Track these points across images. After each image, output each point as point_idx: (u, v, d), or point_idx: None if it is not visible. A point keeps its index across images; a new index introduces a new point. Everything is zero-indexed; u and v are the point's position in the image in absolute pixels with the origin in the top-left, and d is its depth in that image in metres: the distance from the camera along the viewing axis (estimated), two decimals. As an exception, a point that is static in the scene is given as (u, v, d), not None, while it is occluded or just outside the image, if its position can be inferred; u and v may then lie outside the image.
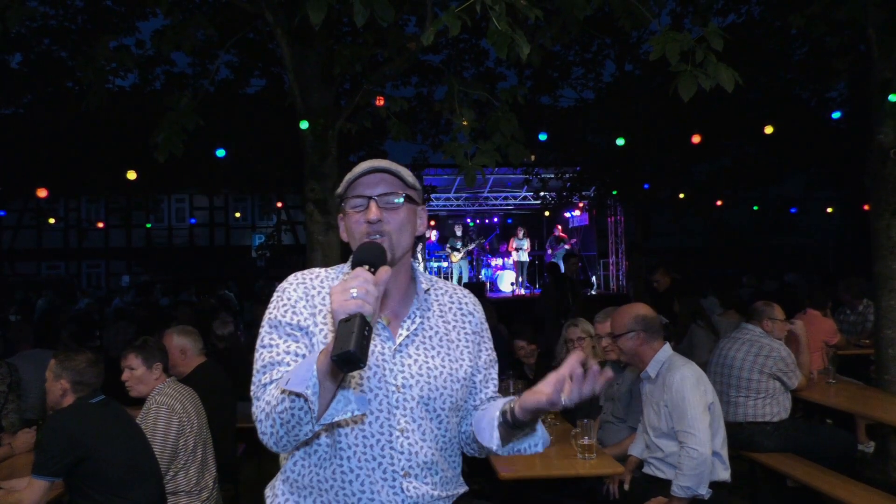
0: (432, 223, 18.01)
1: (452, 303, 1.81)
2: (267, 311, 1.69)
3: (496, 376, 1.84)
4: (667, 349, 3.50)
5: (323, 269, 1.77)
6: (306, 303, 1.67)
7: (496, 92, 4.87)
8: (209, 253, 28.17)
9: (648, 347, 3.48)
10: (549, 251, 17.61)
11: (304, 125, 4.82)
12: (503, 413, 1.65)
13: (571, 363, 1.48)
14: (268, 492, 1.78)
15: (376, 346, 1.63)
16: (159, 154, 4.61)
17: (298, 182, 5.09)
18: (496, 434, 1.68)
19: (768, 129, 9.94)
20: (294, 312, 1.66)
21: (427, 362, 1.67)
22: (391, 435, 1.61)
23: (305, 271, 1.77)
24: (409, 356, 1.66)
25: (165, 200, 26.47)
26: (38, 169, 12.30)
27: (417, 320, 1.70)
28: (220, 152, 10.07)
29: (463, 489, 1.77)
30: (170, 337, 4.35)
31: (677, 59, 3.29)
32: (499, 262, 17.04)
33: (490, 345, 1.85)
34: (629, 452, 3.71)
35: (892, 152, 5.25)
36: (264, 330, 1.67)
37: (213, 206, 28.04)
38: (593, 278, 18.05)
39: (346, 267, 1.75)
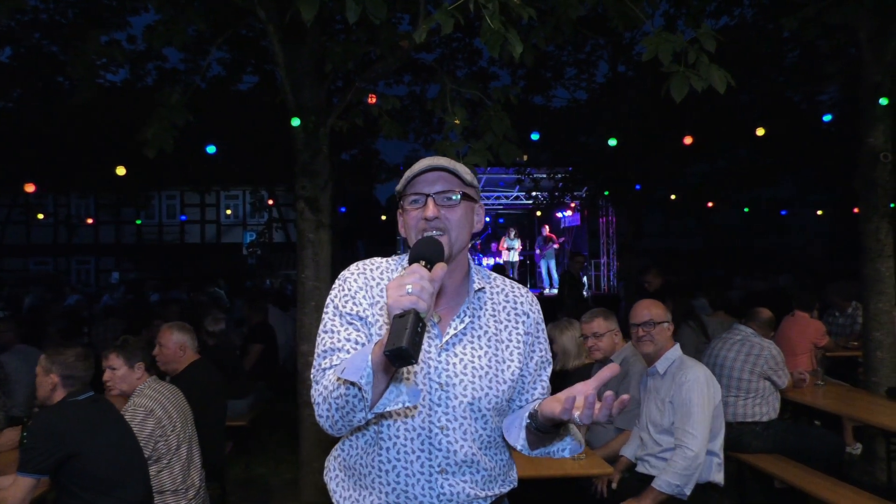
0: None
1: (507, 302, 1.79)
2: (329, 297, 1.73)
3: (547, 378, 1.84)
4: (677, 348, 3.57)
5: (384, 260, 1.80)
6: (366, 293, 1.70)
7: (489, 91, 4.85)
8: (200, 250, 28.06)
9: (671, 342, 3.57)
10: (538, 251, 17.64)
11: (295, 122, 4.79)
12: (531, 415, 1.66)
13: (594, 381, 1.47)
14: (326, 463, 1.85)
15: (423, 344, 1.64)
16: (149, 150, 4.58)
17: (290, 179, 5.05)
18: (522, 434, 1.69)
19: (760, 132, 9.98)
20: (354, 303, 1.69)
21: (473, 362, 1.67)
22: (430, 431, 1.63)
23: (367, 261, 1.80)
24: (455, 355, 1.67)
25: (156, 197, 26.35)
26: (27, 164, 12.22)
27: (467, 319, 1.70)
28: (211, 149, 10.01)
29: (509, 487, 1.78)
30: (169, 332, 4.33)
31: (670, 59, 3.29)
32: (490, 261, 17.04)
33: (545, 346, 1.84)
34: (621, 453, 3.72)
35: (882, 155, 5.28)
36: (328, 315, 1.70)
37: (204, 203, 27.92)
38: (584, 279, 18.09)
39: (405, 259, 1.77)
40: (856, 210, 5.69)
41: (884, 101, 5.19)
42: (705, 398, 3.29)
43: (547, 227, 17.90)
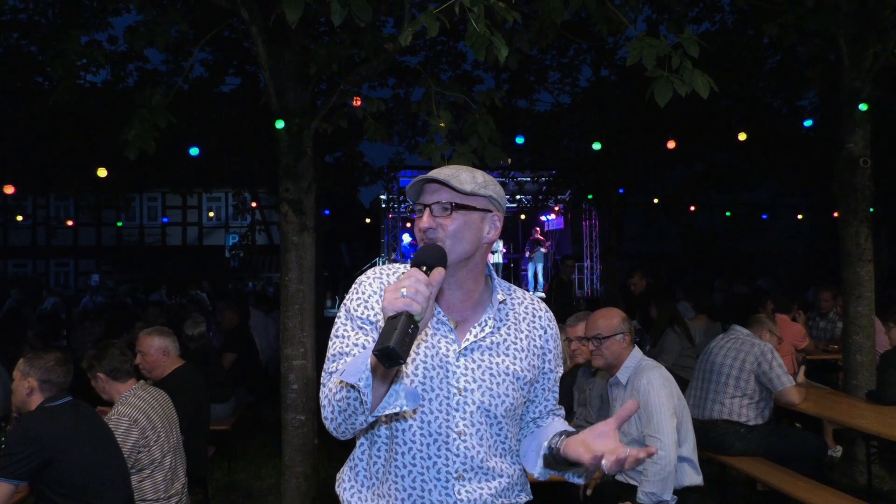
0: (408, 225, 18.00)
1: (528, 314, 1.83)
2: (344, 302, 1.76)
3: (557, 390, 1.89)
4: (636, 353, 3.49)
5: (402, 266, 1.81)
6: (379, 297, 1.71)
7: (473, 94, 4.85)
8: (182, 252, 27.83)
9: (628, 351, 3.49)
10: (527, 254, 17.69)
11: (279, 125, 4.76)
12: (550, 447, 1.70)
13: (615, 420, 1.54)
14: (338, 476, 1.85)
15: (440, 348, 1.67)
16: (129, 151, 4.53)
17: (273, 182, 5.02)
18: (540, 462, 1.74)
19: (742, 136, 10.06)
20: (366, 307, 1.71)
21: (491, 368, 1.70)
22: (448, 437, 1.65)
23: (385, 266, 1.82)
24: (474, 360, 1.69)
25: (137, 199, 26.14)
26: (4, 165, 12.04)
27: (487, 328, 1.73)
28: (194, 151, 9.93)
29: (526, 497, 1.80)
30: (149, 339, 4.25)
31: (653, 64, 3.30)
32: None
33: (559, 361, 1.88)
34: None
35: (861, 161, 5.34)
36: (340, 320, 1.73)
37: (186, 205, 27.71)
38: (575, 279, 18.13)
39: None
40: (836, 214, 5.75)
41: (863, 107, 5.25)
42: (663, 397, 3.21)
43: (538, 229, 17.96)
